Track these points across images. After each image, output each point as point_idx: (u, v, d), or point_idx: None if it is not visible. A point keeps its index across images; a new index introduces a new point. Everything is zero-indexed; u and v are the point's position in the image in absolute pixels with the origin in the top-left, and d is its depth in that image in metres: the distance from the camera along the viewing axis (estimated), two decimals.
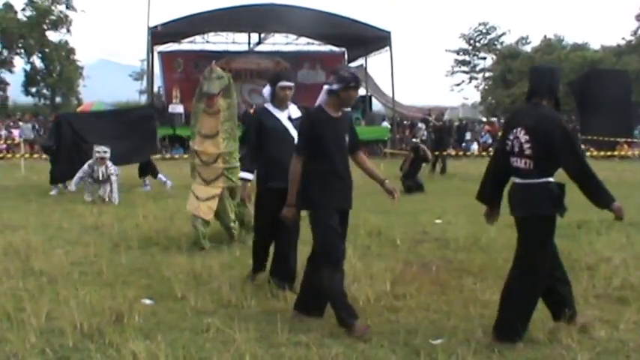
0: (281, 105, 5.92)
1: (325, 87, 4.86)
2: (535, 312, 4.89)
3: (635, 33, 46.33)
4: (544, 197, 4.43)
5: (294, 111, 5.97)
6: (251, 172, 6.01)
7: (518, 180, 4.56)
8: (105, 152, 11.86)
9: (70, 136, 13.43)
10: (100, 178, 11.91)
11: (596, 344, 4.41)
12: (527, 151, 4.45)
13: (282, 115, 5.89)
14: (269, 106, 5.95)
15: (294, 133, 5.71)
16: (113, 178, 11.94)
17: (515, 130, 4.55)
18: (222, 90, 7.49)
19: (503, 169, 4.71)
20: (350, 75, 4.84)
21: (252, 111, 13.81)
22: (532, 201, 4.46)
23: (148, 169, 14.54)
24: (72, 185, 11.96)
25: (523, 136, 4.49)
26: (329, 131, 4.80)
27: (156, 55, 31.65)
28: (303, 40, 33.63)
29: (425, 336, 4.59)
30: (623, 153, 24.92)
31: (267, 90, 5.96)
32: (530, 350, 4.36)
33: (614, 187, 4.77)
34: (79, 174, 11.88)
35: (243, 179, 6.14)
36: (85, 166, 11.88)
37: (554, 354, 4.28)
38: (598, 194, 4.38)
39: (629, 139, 26.00)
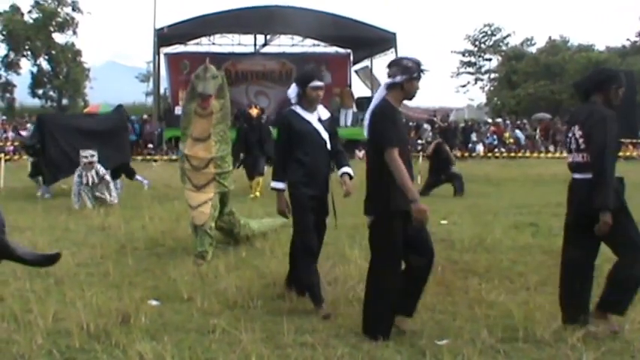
0: (310, 106, 5.46)
1: (387, 81, 4.59)
2: (539, 312, 4.92)
3: (639, 34, 46.30)
4: None
5: (323, 112, 5.58)
6: (284, 181, 5.43)
7: (577, 175, 4.71)
8: (92, 156, 11.50)
9: (55, 135, 13.27)
10: (93, 182, 11.54)
11: (602, 344, 4.42)
12: (582, 145, 4.63)
13: (311, 117, 5.45)
14: (297, 109, 5.48)
15: (325, 135, 5.44)
16: (107, 177, 11.72)
17: (572, 128, 4.74)
18: (216, 90, 7.13)
19: None
20: (414, 64, 4.58)
21: (254, 111, 13.50)
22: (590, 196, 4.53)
23: (131, 170, 14.54)
24: (75, 205, 11.41)
25: (577, 132, 4.68)
26: (399, 126, 4.60)
27: (162, 56, 31.73)
28: (309, 41, 33.65)
29: (430, 336, 4.60)
30: (628, 154, 24.89)
31: (293, 91, 5.49)
32: (536, 350, 4.38)
33: None
34: (74, 190, 11.54)
35: (277, 189, 5.50)
36: (75, 178, 11.53)
37: (559, 354, 4.29)
38: (599, 193, 4.45)
39: (634, 140, 25.96)
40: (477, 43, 53.83)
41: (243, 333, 4.52)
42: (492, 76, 53.70)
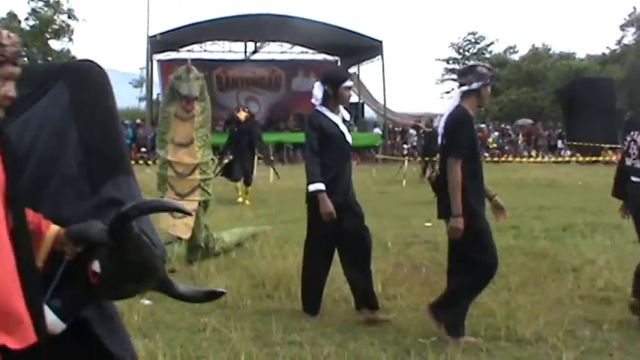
0: (336, 107, 5.18)
1: (463, 89, 4.57)
2: (521, 311, 5.05)
3: (619, 42, 46.75)
4: None
5: (345, 114, 5.34)
6: (322, 181, 5.00)
7: (636, 179, 4.84)
8: None
9: None
10: None
11: (581, 343, 4.52)
12: None
13: (337, 119, 5.17)
14: (323, 109, 5.16)
15: (349, 138, 5.23)
16: None
17: (632, 133, 4.86)
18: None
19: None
20: (488, 70, 4.63)
21: (241, 114, 13.38)
22: None
23: None
24: None
25: (638, 137, 4.80)
26: (475, 131, 4.66)
27: (155, 63, 31.84)
28: (298, 49, 33.82)
29: (415, 335, 4.69)
30: (607, 159, 25.16)
31: (319, 90, 5.17)
32: (517, 349, 4.46)
33: (598, 191, 4.96)
34: None
35: (318, 191, 5.00)
36: None
37: (540, 353, 4.38)
38: None
39: (613, 145, 26.27)
40: (461, 50, 54.04)
41: (232, 332, 4.58)
42: None
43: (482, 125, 36.10)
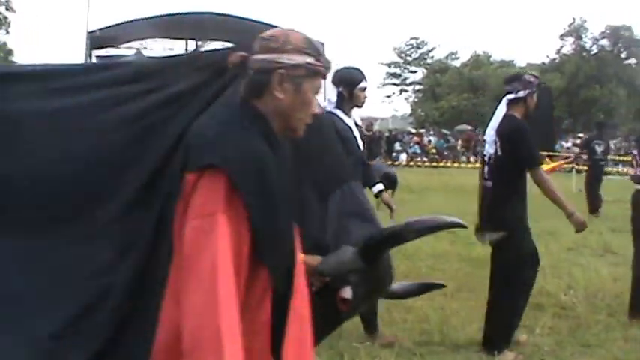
0: (350, 110, 4.80)
1: (509, 96, 4.51)
2: (455, 317, 5.06)
3: (558, 52, 48.23)
4: None
5: (357, 118, 5.08)
6: None
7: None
8: None
9: None
10: None
11: (512, 347, 4.54)
12: None
13: (351, 123, 4.77)
14: (338, 112, 4.73)
15: (361, 144, 4.85)
16: None
17: None
18: None
19: None
20: (535, 79, 4.57)
21: None
22: None
23: None
24: None
25: None
26: None
27: (94, 59, 31.12)
28: None
29: (349, 339, 4.64)
30: (545, 167, 25.85)
31: (333, 92, 4.85)
32: (451, 353, 4.48)
33: (535, 198, 4.97)
34: None
35: None
36: None
37: (473, 357, 4.42)
38: None
39: (551, 153, 27.00)
40: (403, 55, 54.80)
41: None
42: (417, 87, 54.77)
43: (422, 130, 36.63)
